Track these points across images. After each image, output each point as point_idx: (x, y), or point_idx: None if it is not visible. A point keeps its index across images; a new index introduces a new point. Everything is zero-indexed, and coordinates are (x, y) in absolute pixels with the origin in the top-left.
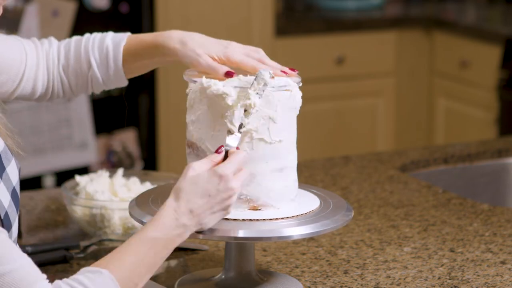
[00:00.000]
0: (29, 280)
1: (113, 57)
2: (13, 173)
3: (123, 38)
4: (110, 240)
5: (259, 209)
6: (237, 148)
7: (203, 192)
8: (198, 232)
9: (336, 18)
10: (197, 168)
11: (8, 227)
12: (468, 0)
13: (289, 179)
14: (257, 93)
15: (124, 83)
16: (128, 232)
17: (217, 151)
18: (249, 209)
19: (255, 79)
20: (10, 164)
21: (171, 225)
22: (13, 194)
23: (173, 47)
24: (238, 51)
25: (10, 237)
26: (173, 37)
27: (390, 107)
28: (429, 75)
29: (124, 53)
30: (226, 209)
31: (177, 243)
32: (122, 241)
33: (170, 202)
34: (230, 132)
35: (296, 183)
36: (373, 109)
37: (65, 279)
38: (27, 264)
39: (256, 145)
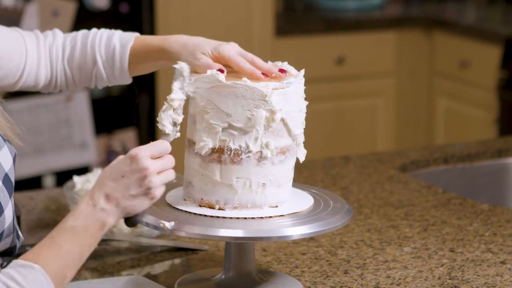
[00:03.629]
0: None
1: (119, 57)
2: (5, 159)
3: (131, 39)
4: (118, 240)
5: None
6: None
7: (116, 174)
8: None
9: (336, 18)
10: (120, 156)
11: None
12: (468, 0)
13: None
14: (180, 89)
15: (127, 81)
16: (135, 231)
17: None
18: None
19: (174, 74)
20: (2, 150)
21: (88, 212)
22: (5, 179)
23: (177, 52)
24: (231, 49)
25: (3, 221)
26: (179, 41)
27: (390, 107)
28: (429, 75)
29: (130, 54)
30: (148, 193)
31: (102, 229)
32: (129, 241)
33: (89, 190)
34: (162, 132)
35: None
36: (373, 109)
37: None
38: None
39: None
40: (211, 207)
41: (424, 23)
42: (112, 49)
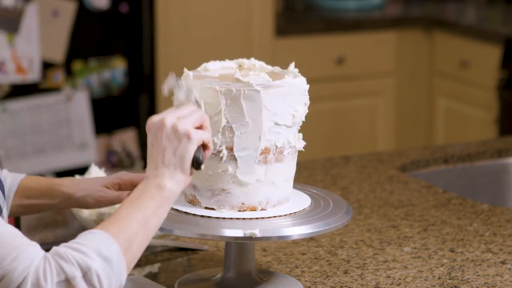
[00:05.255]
0: (21, 240)
1: (8, 188)
2: None
3: (22, 175)
4: None
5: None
6: None
7: (148, 149)
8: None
9: (336, 18)
10: None
11: None
12: (468, 0)
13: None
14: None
15: None
16: None
17: None
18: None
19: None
20: None
21: (141, 185)
22: None
23: (71, 189)
24: (125, 173)
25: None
26: (72, 180)
27: (390, 107)
28: (429, 75)
29: (20, 187)
30: (180, 135)
31: (160, 190)
32: None
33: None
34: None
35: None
36: (373, 109)
37: (63, 243)
38: (17, 231)
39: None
40: (253, 209)
41: (424, 23)
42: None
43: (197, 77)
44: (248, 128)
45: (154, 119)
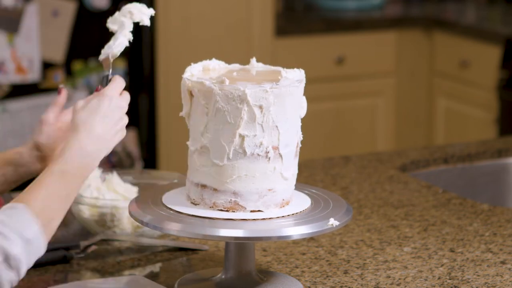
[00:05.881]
0: None
1: None
2: None
3: None
4: (119, 240)
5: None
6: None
7: (101, 116)
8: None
9: (336, 18)
10: (82, 101)
11: None
12: (468, 0)
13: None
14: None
15: None
16: (137, 231)
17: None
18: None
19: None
20: None
21: (76, 155)
22: None
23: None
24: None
25: None
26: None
27: (390, 107)
28: (429, 75)
29: None
30: (122, 128)
31: (87, 171)
32: (130, 241)
33: (72, 136)
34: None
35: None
36: (373, 109)
37: None
38: None
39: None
40: (288, 204)
41: (424, 23)
42: None
43: (229, 77)
44: (289, 125)
45: (118, 99)
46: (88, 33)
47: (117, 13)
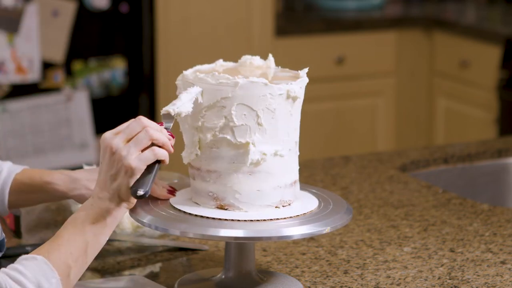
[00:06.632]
0: None
1: (2, 182)
2: None
3: (18, 168)
4: (119, 240)
5: (226, 209)
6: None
7: (100, 163)
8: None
9: (336, 18)
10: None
11: None
12: (468, 0)
13: (266, 185)
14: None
15: (3, 211)
16: (137, 231)
17: None
18: (217, 207)
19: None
20: None
21: (88, 203)
22: None
23: (64, 186)
24: None
25: None
26: (64, 174)
27: (390, 107)
28: (429, 75)
29: (14, 182)
30: (121, 166)
31: (103, 216)
32: (130, 241)
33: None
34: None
35: (280, 191)
36: (373, 109)
37: (1, 268)
38: None
39: (220, 143)
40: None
41: (424, 23)
42: None
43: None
44: (287, 125)
45: (105, 135)
46: (88, 33)
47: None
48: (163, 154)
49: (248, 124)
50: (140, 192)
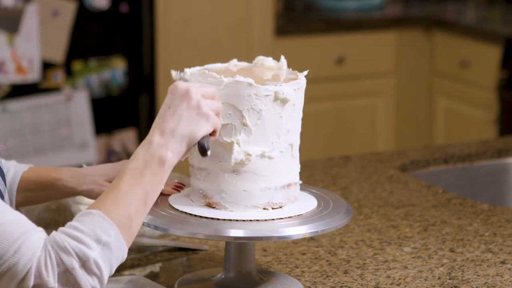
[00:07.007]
0: (22, 229)
1: (10, 180)
2: None
3: (25, 166)
4: None
5: (214, 207)
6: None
7: (163, 109)
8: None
9: (336, 18)
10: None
11: None
12: (468, 0)
13: (253, 186)
14: None
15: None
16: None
17: None
18: (205, 205)
19: None
20: None
21: (145, 151)
22: None
23: (73, 182)
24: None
25: None
26: (71, 170)
27: (390, 107)
28: (429, 75)
29: (22, 180)
30: (201, 112)
31: (162, 165)
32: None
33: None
34: None
35: (269, 193)
36: (373, 109)
37: (60, 228)
38: (19, 218)
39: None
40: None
41: (424, 23)
42: (5, 171)
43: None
44: (290, 125)
45: (180, 84)
46: (88, 33)
47: None
48: (219, 130)
49: (233, 124)
50: (209, 151)
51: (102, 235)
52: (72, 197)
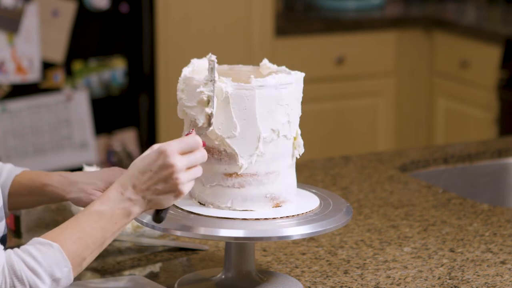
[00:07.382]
0: None
1: (1, 184)
2: None
3: (18, 170)
4: (119, 240)
5: (280, 206)
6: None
7: (144, 167)
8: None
9: (336, 18)
10: (153, 147)
11: None
12: (468, 0)
13: (295, 173)
14: (210, 81)
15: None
16: (137, 231)
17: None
18: (273, 207)
19: (210, 69)
20: None
21: (116, 199)
22: None
23: (62, 188)
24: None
25: None
26: (62, 176)
27: (390, 107)
28: (429, 75)
29: (13, 184)
30: (174, 189)
31: (127, 217)
32: (130, 241)
33: (119, 179)
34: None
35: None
36: (373, 109)
37: (16, 249)
38: None
39: (281, 142)
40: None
41: (424, 23)
42: None
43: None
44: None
45: (171, 147)
46: (88, 33)
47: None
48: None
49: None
50: (164, 219)
51: (57, 272)
52: (62, 202)
